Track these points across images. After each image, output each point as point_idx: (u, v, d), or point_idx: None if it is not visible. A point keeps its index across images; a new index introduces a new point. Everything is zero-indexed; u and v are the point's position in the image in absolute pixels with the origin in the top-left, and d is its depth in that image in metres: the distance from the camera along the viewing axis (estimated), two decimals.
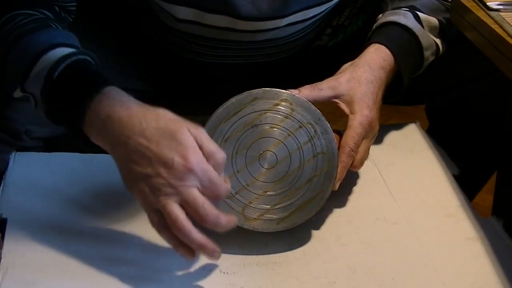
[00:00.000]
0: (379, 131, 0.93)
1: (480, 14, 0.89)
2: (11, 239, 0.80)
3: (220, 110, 0.85)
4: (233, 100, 0.85)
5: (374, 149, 0.93)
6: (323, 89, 0.89)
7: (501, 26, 0.84)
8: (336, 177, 0.84)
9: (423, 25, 0.97)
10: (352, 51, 0.96)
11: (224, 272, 0.81)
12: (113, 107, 0.77)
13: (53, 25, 0.87)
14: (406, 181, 0.96)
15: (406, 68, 0.95)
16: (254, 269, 0.81)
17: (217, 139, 0.84)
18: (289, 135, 0.85)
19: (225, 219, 0.75)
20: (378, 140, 0.94)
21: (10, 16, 0.85)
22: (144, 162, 0.74)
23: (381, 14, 1.00)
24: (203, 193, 0.75)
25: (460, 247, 0.86)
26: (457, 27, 0.95)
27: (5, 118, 0.93)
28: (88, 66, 0.83)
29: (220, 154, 0.76)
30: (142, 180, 0.75)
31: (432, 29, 0.98)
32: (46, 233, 0.82)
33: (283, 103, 0.85)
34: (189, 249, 0.75)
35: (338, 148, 0.86)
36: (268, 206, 0.84)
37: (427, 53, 0.97)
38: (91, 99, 0.78)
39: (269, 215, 0.84)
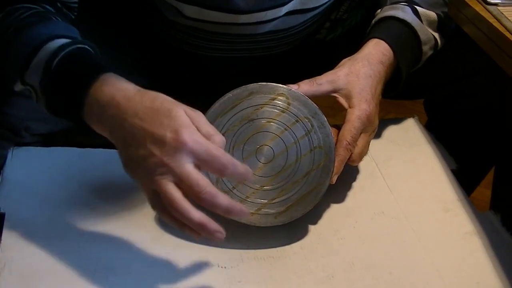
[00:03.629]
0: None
1: (478, 8, 0.88)
2: (9, 234, 0.80)
3: (217, 104, 0.85)
4: (229, 94, 0.85)
5: (372, 144, 0.92)
6: (322, 83, 0.89)
7: (499, 21, 0.84)
8: (333, 171, 0.84)
9: (422, 20, 0.97)
10: (351, 45, 0.96)
11: (221, 267, 0.81)
12: (112, 92, 0.76)
13: (53, 17, 0.87)
14: (404, 176, 0.96)
15: (405, 62, 0.95)
16: (252, 264, 0.82)
17: None
18: (286, 130, 0.85)
19: (226, 201, 0.71)
20: (376, 134, 0.94)
21: (10, 9, 0.85)
22: (138, 143, 0.72)
23: (380, 9, 1.00)
24: (204, 169, 0.72)
25: (458, 241, 0.86)
26: (455, 21, 0.95)
27: (6, 114, 0.93)
28: (86, 54, 0.82)
29: (219, 137, 0.74)
30: (139, 163, 0.73)
31: (430, 23, 0.97)
32: (44, 228, 0.82)
33: (279, 97, 0.85)
34: (193, 230, 0.72)
35: (336, 143, 0.86)
36: (265, 201, 0.84)
37: (425, 48, 0.97)
38: (89, 87, 0.77)
39: (266, 210, 0.84)
